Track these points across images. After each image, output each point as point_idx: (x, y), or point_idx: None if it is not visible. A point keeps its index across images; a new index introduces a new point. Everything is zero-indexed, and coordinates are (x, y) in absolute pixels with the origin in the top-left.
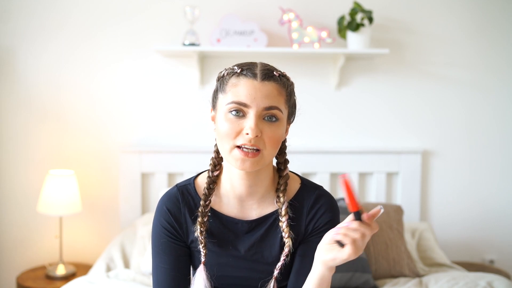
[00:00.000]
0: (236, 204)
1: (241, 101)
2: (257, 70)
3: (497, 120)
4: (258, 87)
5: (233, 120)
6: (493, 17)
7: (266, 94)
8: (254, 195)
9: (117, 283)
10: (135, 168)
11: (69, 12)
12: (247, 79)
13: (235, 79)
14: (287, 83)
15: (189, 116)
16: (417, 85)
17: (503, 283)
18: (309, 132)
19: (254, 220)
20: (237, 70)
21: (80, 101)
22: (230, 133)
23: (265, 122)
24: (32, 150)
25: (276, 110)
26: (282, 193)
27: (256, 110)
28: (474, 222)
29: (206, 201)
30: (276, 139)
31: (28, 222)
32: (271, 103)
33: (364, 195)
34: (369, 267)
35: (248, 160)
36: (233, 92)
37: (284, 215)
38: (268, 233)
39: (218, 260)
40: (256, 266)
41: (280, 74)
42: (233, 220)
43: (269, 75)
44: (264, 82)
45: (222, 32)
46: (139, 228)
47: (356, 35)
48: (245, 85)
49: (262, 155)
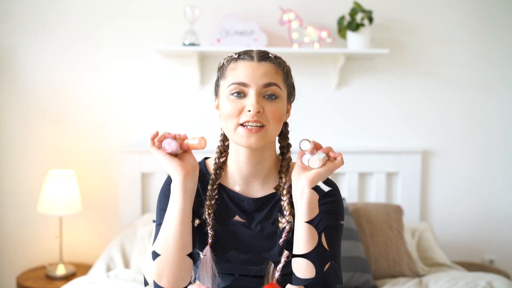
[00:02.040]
0: (241, 184)
1: (240, 81)
2: (254, 53)
3: (497, 120)
4: (255, 67)
5: (235, 101)
6: (493, 16)
7: (263, 73)
8: (258, 175)
9: (117, 283)
10: (135, 168)
11: (69, 12)
12: (245, 61)
13: (233, 63)
14: (283, 64)
15: (189, 116)
16: (417, 85)
17: (503, 283)
18: (309, 132)
19: (259, 198)
20: (235, 56)
21: (81, 101)
22: (233, 112)
23: (266, 100)
24: (32, 150)
25: (274, 86)
26: (284, 174)
27: (255, 88)
28: (474, 222)
29: (214, 185)
30: (278, 114)
31: (28, 222)
32: (269, 79)
33: (364, 195)
34: (369, 267)
35: (253, 136)
36: (232, 75)
37: (286, 194)
38: (271, 212)
39: (224, 241)
40: (260, 245)
41: (275, 56)
42: (240, 197)
43: (265, 56)
44: (260, 62)
45: (222, 32)
46: (139, 228)
47: (356, 35)
48: (243, 67)
49: (266, 130)
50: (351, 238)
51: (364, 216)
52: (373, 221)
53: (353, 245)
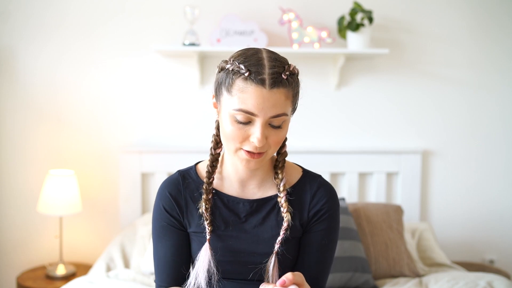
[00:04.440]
0: (237, 187)
1: (248, 110)
2: (265, 73)
3: (497, 120)
4: (266, 97)
5: (240, 127)
6: (493, 16)
7: (274, 103)
8: (255, 177)
9: (117, 283)
10: (135, 168)
11: (69, 12)
12: (255, 86)
13: (242, 82)
14: (294, 83)
15: (189, 116)
16: (417, 85)
17: (503, 283)
18: (309, 132)
19: (255, 200)
20: (244, 72)
21: (80, 101)
22: (236, 138)
23: (270, 128)
24: (32, 150)
25: (282, 116)
26: (280, 170)
27: (263, 119)
28: (474, 222)
29: (210, 178)
30: (280, 141)
31: (28, 222)
32: (279, 111)
33: (364, 195)
34: (369, 267)
35: (253, 161)
36: (240, 98)
37: (282, 191)
38: (270, 215)
39: (220, 243)
40: (257, 248)
41: (288, 75)
42: (235, 200)
43: (278, 80)
44: (272, 90)
45: (222, 32)
46: (139, 228)
47: (356, 35)
48: (253, 94)
49: (266, 155)
50: (351, 238)
51: (364, 216)
52: (373, 221)
53: (353, 245)
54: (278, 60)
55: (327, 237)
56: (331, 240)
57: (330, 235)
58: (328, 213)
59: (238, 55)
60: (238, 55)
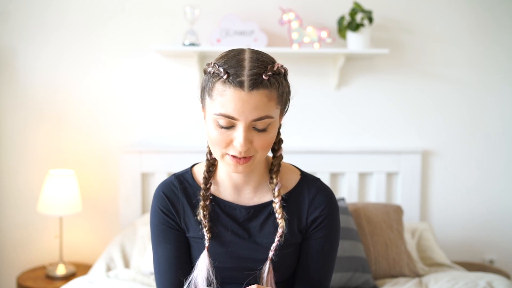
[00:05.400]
0: (232, 192)
1: (229, 114)
2: (244, 75)
3: (497, 120)
4: (245, 99)
5: (222, 131)
6: (493, 16)
7: (255, 106)
8: (249, 182)
9: (117, 283)
10: (135, 168)
11: (69, 12)
12: (234, 89)
13: (221, 85)
14: (277, 83)
15: (189, 116)
16: (417, 85)
17: (503, 283)
18: (309, 132)
19: (251, 206)
20: (223, 76)
21: (80, 101)
22: (220, 142)
23: (255, 132)
24: (32, 150)
25: (266, 119)
26: (275, 174)
27: (245, 123)
28: (474, 222)
29: (207, 184)
30: (267, 144)
31: (28, 222)
32: (261, 113)
33: (364, 195)
34: (369, 267)
35: (241, 166)
36: (220, 102)
37: (277, 196)
38: (267, 221)
39: (219, 249)
40: (256, 255)
41: (270, 75)
42: (231, 205)
43: (258, 81)
44: (252, 92)
45: (222, 32)
46: (139, 228)
47: (356, 35)
48: (232, 97)
49: (254, 159)
50: (351, 238)
51: (364, 216)
52: (373, 221)
53: (353, 245)
54: (260, 61)
55: (328, 242)
56: (333, 244)
57: (331, 240)
58: (327, 219)
59: (220, 57)
60: (220, 57)
